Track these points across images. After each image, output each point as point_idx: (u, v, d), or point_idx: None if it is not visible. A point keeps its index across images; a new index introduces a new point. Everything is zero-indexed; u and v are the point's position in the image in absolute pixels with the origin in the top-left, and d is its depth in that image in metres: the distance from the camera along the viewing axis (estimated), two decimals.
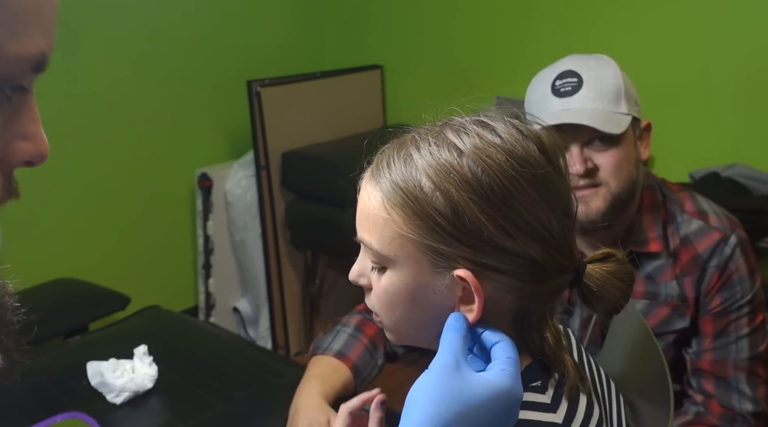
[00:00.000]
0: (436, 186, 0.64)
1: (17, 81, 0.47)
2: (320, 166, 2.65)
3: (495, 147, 0.64)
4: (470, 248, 0.64)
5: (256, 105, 2.63)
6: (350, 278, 0.74)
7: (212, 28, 2.85)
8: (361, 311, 1.33)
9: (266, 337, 2.88)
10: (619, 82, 1.18)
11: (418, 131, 0.69)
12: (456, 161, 0.64)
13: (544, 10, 2.58)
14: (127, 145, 2.68)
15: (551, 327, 0.71)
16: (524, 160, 0.64)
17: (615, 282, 0.68)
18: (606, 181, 1.17)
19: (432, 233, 0.64)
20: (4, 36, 0.45)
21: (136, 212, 2.74)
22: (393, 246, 0.66)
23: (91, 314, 2.22)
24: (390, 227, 0.66)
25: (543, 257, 0.65)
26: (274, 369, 1.43)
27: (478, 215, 0.63)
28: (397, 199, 0.65)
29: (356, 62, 3.06)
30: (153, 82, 2.71)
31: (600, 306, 0.69)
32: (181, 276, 2.95)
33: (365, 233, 0.69)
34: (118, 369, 1.32)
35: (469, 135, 0.65)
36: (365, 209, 0.69)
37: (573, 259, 0.68)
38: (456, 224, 0.63)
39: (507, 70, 2.72)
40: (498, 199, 0.63)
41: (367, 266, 0.71)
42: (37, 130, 0.50)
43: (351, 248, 2.63)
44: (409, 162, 0.66)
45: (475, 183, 0.63)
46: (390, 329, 0.72)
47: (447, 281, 0.65)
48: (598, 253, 0.70)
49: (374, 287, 0.70)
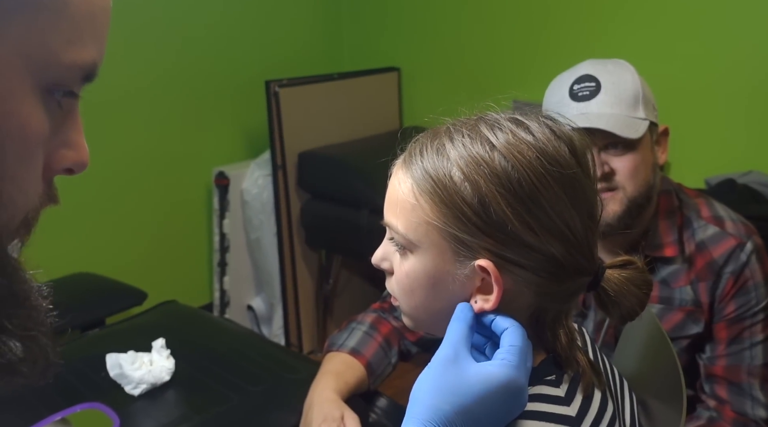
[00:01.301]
0: (466, 177, 0.65)
1: (68, 88, 0.48)
2: (336, 167, 2.67)
3: (527, 144, 0.66)
4: (493, 240, 0.65)
5: (274, 105, 2.65)
6: (373, 261, 0.75)
7: (232, 28, 2.88)
8: (376, 310, 1.34)
9: (280, 335, 2.90)
10: (637, 86, 1.19)
11: (453, 123, 0.70)
12: (487, 155, 0.66)
13: (561, 14, 2.58)
14: (146, 142, 2.71)
15: (565, 327, 0.72)
16: (554, 160, 0.66)
17: (632, 289, 0.70)
18: (622, 186, 1.17)
19: (457, 221, 0.66)
20: (61, 43, 0.46)
21: (154, 209, 2.77)
22: (418, 232, 0.68)
23: (109, 308, 2.24)
24: (417, 213, 0.68)
25: (563, 255, 0.66)
26: (289, 365, 1.44)
27: (504, 208, 0.64)
28: (426, 186, 0.67)
29: (373, 64, 3.08)
30: (173, 81, 2.74)
31: (616, 312, 0.70)
32: (197, 273, 2.97)
33: (392, 217, 0.70)
34: (137, 361, 1.34)
35: (502, 130, 0.67)
36: (394, 194, 0.70)
37: (593, 261, 0.69)
38: (481, 215, 0.65)
39: (524, 73, 2.73)
40: (525, 195, 0.64)
41: (390, 250, 0.73)
42: (80, 138, 0.51)
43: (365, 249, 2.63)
44: (441, 152, 0.67)
45: (504, 177, 0.65)
46: (408, 314, 0.74)
47: (467, 271, 0.67)
48: (618, 259, 0.71)
49: (396, 271, 0.72)
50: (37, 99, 0.46)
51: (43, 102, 0.47)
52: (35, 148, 0.47)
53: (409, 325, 0.75)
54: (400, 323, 1.29)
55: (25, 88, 0.45)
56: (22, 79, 0.45)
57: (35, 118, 0.46)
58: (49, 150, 0.48)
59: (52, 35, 0.45)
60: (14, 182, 0.46)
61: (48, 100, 0.47)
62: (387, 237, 0.73)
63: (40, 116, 0.47)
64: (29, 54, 0.44)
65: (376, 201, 2.44)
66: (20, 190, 0.47)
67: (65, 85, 0.48)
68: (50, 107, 0.47)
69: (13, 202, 0.47)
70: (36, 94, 0.46)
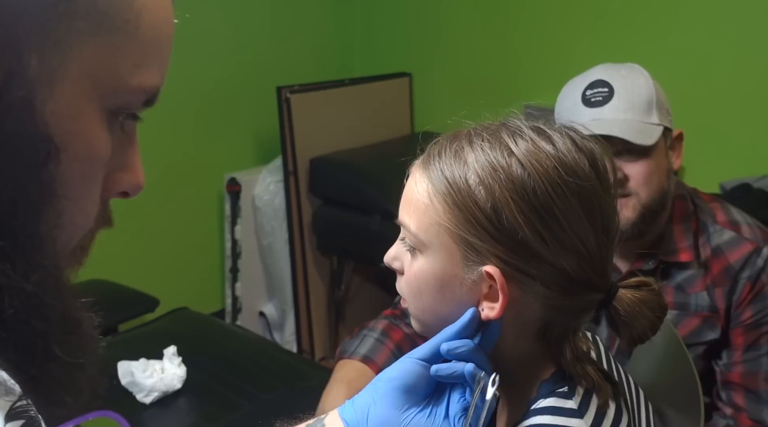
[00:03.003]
0: (481, 181, 0.65)
1: (132, 111, 0.49)
2: (347, 173, 2.67)
3: (546, 153, 0.65)
4: (503, 247, 0.64)
5: (285, 111, 2.65)
6: (384, 260, 0.75)
7: (243, 34, 2.88)
8: (387, 316, 1.33)
9: (292, 341, 2.90)
10: (651, 91, 1.18)
11: (475, 128, 0.70)
12: (505, 161, 0.65)
13: (573, 18, 2.57)
14: (158, 149, 2.71)
15: (571, 343, 0.70)
16: (572, 171, 0.65)
17: (645, 311, 0.68)
18: (636, 192, 1.16)
19: (468, 225, 0.65)
20: (130, 67, 0.46)
21: (166, 215, 2.77)
22: (429, 233, 0.68)
23: (121, 315, 2.24)
24: (429, 214, 0.67)
25: (574, 269, 0.65)
26: (300, 372, 1.44)
27: (516, 215, 0.63)
28: (441, 188, 0.67)
29: (385, 70, 3.07)
30: (185, 87, 2.74)
31: (625, 333, 0.69)
32: (209, 280, 2.97)
33: (406, 216, 0.70)
34: (148, 369, 1.34)
35: (523, 138, 0.66)
36: (410, 194, 0.70)
37: (606, 279, 0.68)
38: (493, 221, 0.64)
39: (536, 78, 2.72)
40: (539, 204, 0.64)
41: (401, 250, 0.72)
42: (138, 161, 0.52)
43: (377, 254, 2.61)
44: (459, 155, 0.67)
45: (520, 184, 0.64)
46: (415, 316, 0.74)
47: (475, 276, 0.66)
48: (633, 280, 0.70)
49: (405, 271, 0.72)
50: (103, 120, 0.46)
51: (109, 124, 0.47)
52: (99, 169, 0.47)
53: (417, 328, 0.75)
54: (412, 329, 1.28)
55: (94, 110, 0.46)
56: (90, 101, 0.45)
57: (101, 140, 0.47)
58: (108, 172, 0.49)
59: (122, 59, 0.46)
60: (77, 202, 0.46)
61: (113, 123, 0.47)
62: (400, 237, 0.73)
63: (105, 138, 0.47)
64: (99, 76, 0.45)
65: (387, 207, 2.43)
66: (81, 211, 0.48)
67: (129, 108, 0.48)
68: (114, 129, 0.48)
69: (74, 222, 0.47)
70: (103, 115, 0.46)
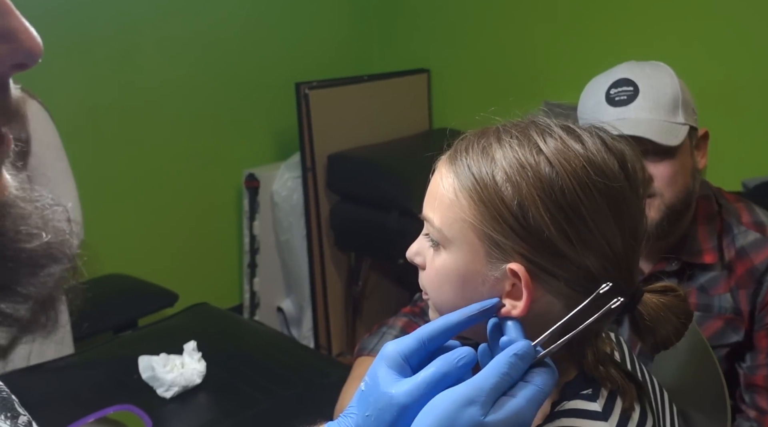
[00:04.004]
0: (508, 178, 0.64)
1: None
2: (365, 169, 2.67)
3: (575, 153, 0.64)
4: (528, 245, 0.64)
5: (304, 107, 2.66)
6: (407, 255, 0.74)
7: (262, 31, 2.89)
8: (406, 314, 1.33)
9: (309, 337, 2.91)
10: (677, 90, 1.16)
11: (504, 125, 0.69)
12: (533, 159, 0.64)
13: (594, 14, 2.55)
14: (178, 144, 2.73)
15: (594, 346, 0.69)
16: (601, 171, 0.64)
17: (670, 317, 0.67)
18: (660, 192, 1.14)
19: (494, 222, 0.64)
20: None
21: (185, 211, 2.79)
22: (454, 228, 0.67)
23: (141, 309, 2.26)
24: (454, 210, 0.67)
25: (599, 271, 0.64)
26: (319, 369, 1.44)
27: (542, 213, 0.63)
28: (467, 183, 0.66)
29: (403, 66, 3.07)
30: (204, 83, 2.76)
31: (649, 339, 0.68)
32: (227, 275, 2.99)
33: (430, 211, 0.70)
34: (168, 364, 1.35)
35: (552, 136, 0.66)
36: (435, 189, 0.70)
37: (631, 282, 0.67)
38: (519, 219, 0.63)
39: (556, 75, 2.70)
40: (566, 203, 0.63)
41: (425, 245, 0.72)
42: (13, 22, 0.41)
43: (394, 251, 2.61)
44: (487, 151, 0.66)
45: (547, 182, 0.63)
46: (436, 311, 0.73)
47: (498, 273, 0.65)
48: (658, 284, 0.69)
49: (428, 266, 0.71)
50: None
51: None
52: None
53: None
54: None
55: None
56: None
57: None
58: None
59: None
60: None
61: None
62: (423, 232, 0.73)
63: None
64: None
65: (405, 203, 2.43)
66: None
67: None
68: None
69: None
70: None
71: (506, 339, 0.62)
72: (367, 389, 0.61)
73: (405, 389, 0.58)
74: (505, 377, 0.58)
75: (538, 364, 0.61)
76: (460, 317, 0.64)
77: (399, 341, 0.62)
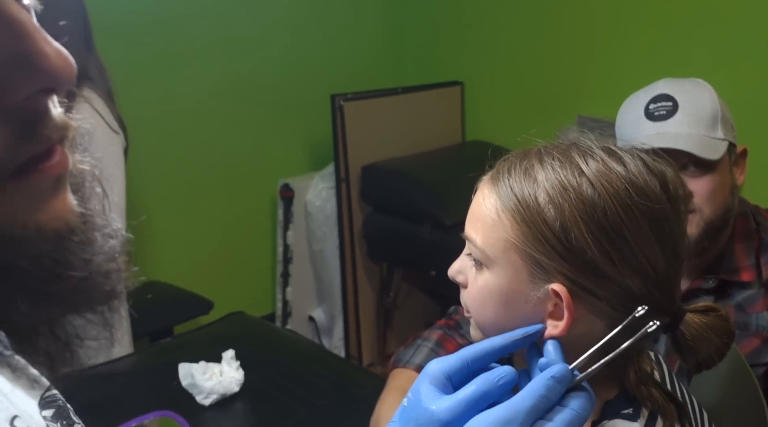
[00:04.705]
0: (551, 199, 0.65)
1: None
2: (398, 180, 2.68)
3: (617, 174, 0.65)
4: (570, 266, 0.65)
5: (339, 118, 2.68)
6: (449, 274, 0.75)
7: (299, 43, 2.93)
8: (442, 326, 1.34)
9: (340, 347, 2.92)
10: (716, 106, 1.16)
11: (545, 146, 0.71)
12: (575, 180, 0.65)
13: (630, 29, 2.54)
14: (215, 154, 2.78)
15: (636, 364, 0.70)
16: (643, 193, 0.65)
17: (713, 337, 0.67)
18: (699, 208, 1.14)
19: (536, 243, 0.65)
20: None
21: (221, 219, 2.83)
22: (496, 248, 0.68)
23: (177, 317, 2.30)
24: (497, 230, 0.68)
25: (641, 291, 0.65)
26: (354, 379, 1.45)
27: (585, 234, 0.64)
28: (510, 204, 0.67)
29: (437, 78, 3.09)
30: (242, 94, 2.80)
31: (691, 359, 0.68)
32: (261, 283, 3.02)
33: (472, 231, 0.71)
34: (208, 372, 1.37)
35: (594, 158, 0.67)
36: (477, 209, 0.71)
37: (673, 302, 0.68)
38: (561, 240, 0.64)
39: (589, 89, 2.69)
40: (608, 224, 0.64)
41: (467, 264, 0.73)
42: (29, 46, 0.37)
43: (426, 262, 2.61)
44: (529, 172, 0.68)
45: (590, 204, 0.64)
46: (478, 329, 0.74)
47: (540, 293, 0.66)
48: (700, 304, 0.69)
49: (470, 285, 0.72)
50: None
51: None
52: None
53: (478, 339, 0.75)
54: (466, 340, 1.28)
55: None
56: None
57: None
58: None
59: None
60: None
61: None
62: (465, 251, 0.74)
63: None
64: None
65: (438, 215, 2.44)
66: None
67: None
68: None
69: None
70: None
71: (545, 361, 0.63)
72: (409, 404, 0.62)
73: (446, 406, 0.59)
74: (543, 400, 0.58)
75: (575, 387, 0.61)
76: (505, 341, 0.65)
77: (443, 359, 0.63)
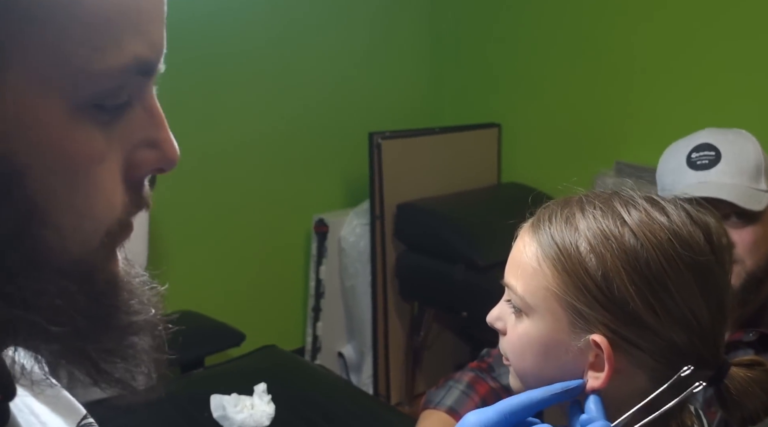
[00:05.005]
0: (592, 249, 0.65)
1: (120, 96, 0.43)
2: (433, 220, 2.69)
3: (660, 225, 0.65)
4: (612, 316, 0.64)
5: (376, 156, 2.71)
6: (488, 320, 0.75)
7: (340, 82, 2.98)
8: (473, 369, 1.33)
9: (368, 384, 2.90)
10: (759, 157, 1.15)
11: (587, 195, 0.71)
12: (618, 230, 0.65)
13: (671, 76, 2.54)
14: (252, 187, 2.81)
15: (678, 419, 0.69)
16: (687, 244, 0.65)
17: (758, 392, 0.66)
18: (741, 259, 1.13)
19: (577, 292, 0.65)
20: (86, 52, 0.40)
21: (255, 251, 2.86)
22: (537, 296, 0.67)
23: (209, 347, 2.31)
24: (538, 278, 0.67)
25: (685, 344, 0.64)
26: (384, 418, 1.45)
27: (627, 285, 0.63)
28: (551, 253, 0.67)
29: (474, 119, 3.10)
30: (281, 130, 2.85)
31: (736, 413, 0.67)
32: (292, 317, 3.03)
33: (512, 278, 0.70)
34: (239, 404, 1.38)
35: (636, 208, 0.67)
36: (518, 256, 0.71)
37: (718, 355, 0.67)
38: (603, 290, 0.64)
39: (627, 134, 2.68)
40: (651, 276, 0.63)
41: (506, 310, 0.72)
42: (163, 134, 0.47)
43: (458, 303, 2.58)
44: (571, 221, 0.67)
45: (632, 254, 0.64)
46: (516, 376, 0.73)
47: (581, 343, 0.65)
48: (746, 358, 0.68)
49: (509, 332, 0.72)
50: (75, 120, 0.41)
51: (88, 119, 0.42)
52: (87, 170, 0.42)
53: (517, 387, 0.74)
54: (498, 384, 1.27)
55: (57, 114, 0.40)
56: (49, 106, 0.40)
57: (78, 143, 0.41)
58: (123, 155, 0.44)
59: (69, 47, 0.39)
60: (75, 211, 0.42)
61: (95, 114, 0.42)
62: (504, 298, 0.73)
63: (83, 136, 0.42)
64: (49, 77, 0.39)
65: (471, 256, 2.43)
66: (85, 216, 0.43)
67: (112, 95, 0.42)
68: (101, 120, 0.42)
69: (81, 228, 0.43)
70: (74, 115, 0.41)
71: (586, 417, 0.62)
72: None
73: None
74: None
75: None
76: (544, 395, 0.64)
77: (480, 412, 0.63)
